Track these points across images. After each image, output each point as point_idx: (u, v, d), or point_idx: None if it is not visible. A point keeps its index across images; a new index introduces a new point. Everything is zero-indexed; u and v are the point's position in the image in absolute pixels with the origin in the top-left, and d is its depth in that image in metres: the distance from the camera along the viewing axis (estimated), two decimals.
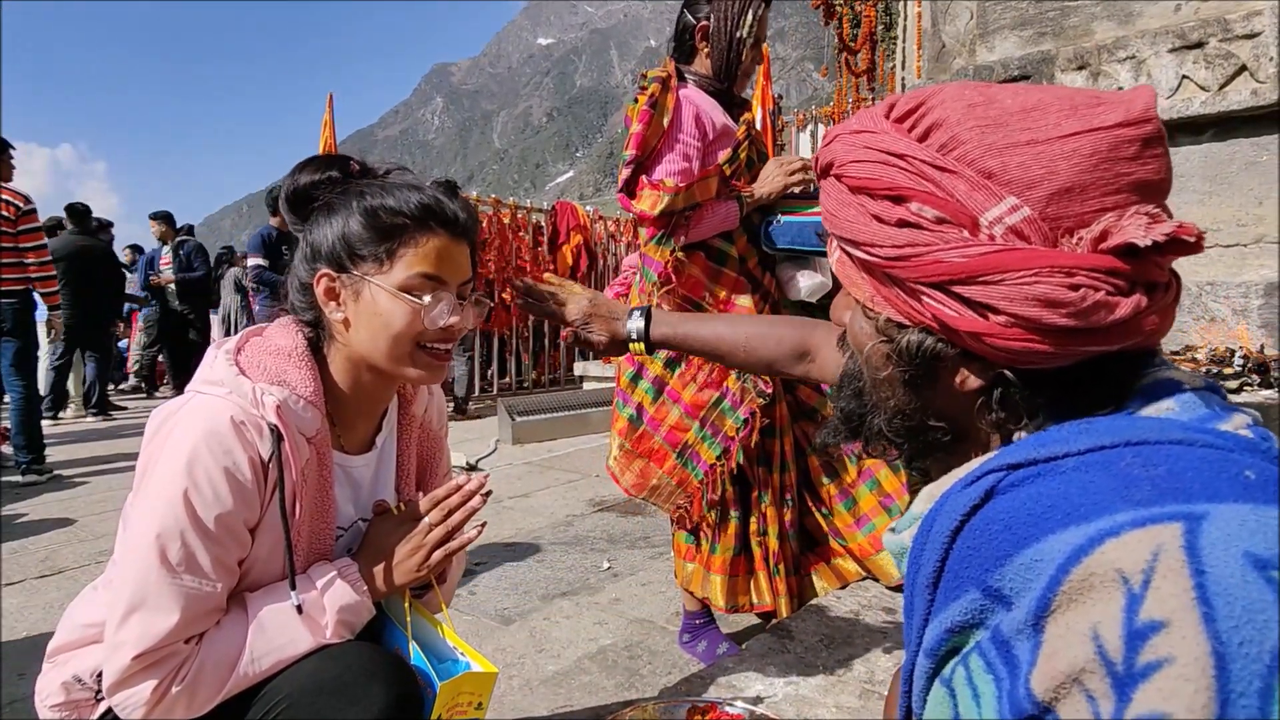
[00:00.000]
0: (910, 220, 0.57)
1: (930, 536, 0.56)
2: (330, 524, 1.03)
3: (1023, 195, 0.55)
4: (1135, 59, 2.89)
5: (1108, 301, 0.53)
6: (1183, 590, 0.42)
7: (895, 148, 0.59)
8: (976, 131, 0.56)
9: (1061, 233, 0.54)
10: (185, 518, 0.88)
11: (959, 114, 0.58)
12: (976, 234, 0.56)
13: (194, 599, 0.90)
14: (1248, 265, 2.83)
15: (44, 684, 1.01)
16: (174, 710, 0.90)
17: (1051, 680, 0.45)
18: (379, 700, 0.91)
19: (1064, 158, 0.54)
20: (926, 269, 0.56)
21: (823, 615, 1.85)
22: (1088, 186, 0.54)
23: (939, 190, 0.56)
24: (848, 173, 0.61)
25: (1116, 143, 0.54)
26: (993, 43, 3.25)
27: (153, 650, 0.88)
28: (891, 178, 0.58)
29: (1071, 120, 0.55)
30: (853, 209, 0.61)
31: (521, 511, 3.64)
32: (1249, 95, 2.71)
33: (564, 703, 1.84)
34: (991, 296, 0.54)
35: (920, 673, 0.57)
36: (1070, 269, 0.53)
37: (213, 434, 0.90)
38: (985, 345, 0.56)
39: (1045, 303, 0.53)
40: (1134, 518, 0.45)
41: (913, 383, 0.62)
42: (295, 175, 1.05)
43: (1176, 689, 0.41)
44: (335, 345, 1.04)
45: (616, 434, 2.03)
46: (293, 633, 0.95)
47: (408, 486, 1.17)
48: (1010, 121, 0.56)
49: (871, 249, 0.60)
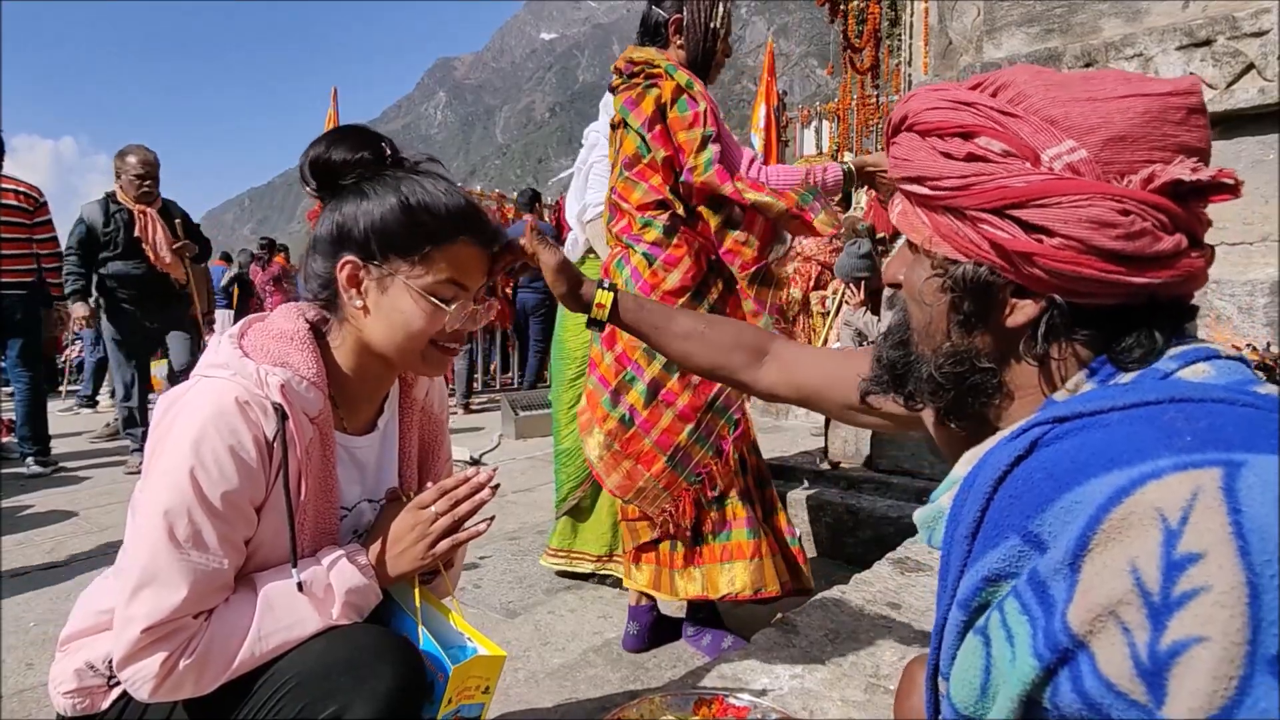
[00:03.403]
0: (978, 154, 0.63)
1: (973, 490, 0.58)
2: (334, 504, 1.04)
3: (1081, 139, 0.60)
4: (1143, 56, 2.88)
5: (1153, 232, 0.58)
6: (1219, 526, 0.43)
7: (967, 97, 0.65)
8: (1042, 88, 0.63)
9: (1113, 175, 0.60)
10: (192, 495, 0.89)
11: (1027, 76, 0.65)
12: (1038, 166, 0.61)
13: (201, 575, 0.91)
14: (1254, 263, 2.83)
15: (57, 671, 1.02)
16: (182, 685, 0.91)
17: (1088, 614, 0.47)
18: (387, 680, 0.92)
19: (1119, 112, 0.60)
20: (989, 194, 0.62)
21: (828, 609, 1.85)
22: (1138, 139, 0.60)
23: (1004, 129, 0.62)
24: (921, 119, 0.67)
25: (1165, 107, 0.60)
26: (999, 39, 3.24)
27: (161, 624, 0.89)
28: (961, 119, 0.64)
29: (1126, 86, 0.62)
30: (923, 150, 0.66)
31: (525, 506, 3.65)
32: (1256, 93, 2.71)
33: (569, 695, 1.85)
34: (1048, 218, 0.59)
35: (952, 627, 0.59)
36: (1122, 197, 0.58)
37: (219, 414, 0.92)
38: (1038, 268, 0.61)
39: (1097, 224, 0.58)
40: (1175, 462, 0.47)
41: (964, 319, 0.67)
42: (329, 147, 1.03)
43: (1212, 615, 0.42)
44: (345, 328, 1.05)
45: (603, 433, 1.99)
46: (301, 613, 0.96)
47: (410, 469, 1.18)
48: (1072, 82, 0.63)
49: (938, 181, 0.65)
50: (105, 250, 4.29)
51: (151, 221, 4.34)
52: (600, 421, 2.01)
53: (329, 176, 1.04)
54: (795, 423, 5.42)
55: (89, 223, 4.30)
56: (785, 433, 5.15)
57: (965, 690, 0.57)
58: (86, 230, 4.30)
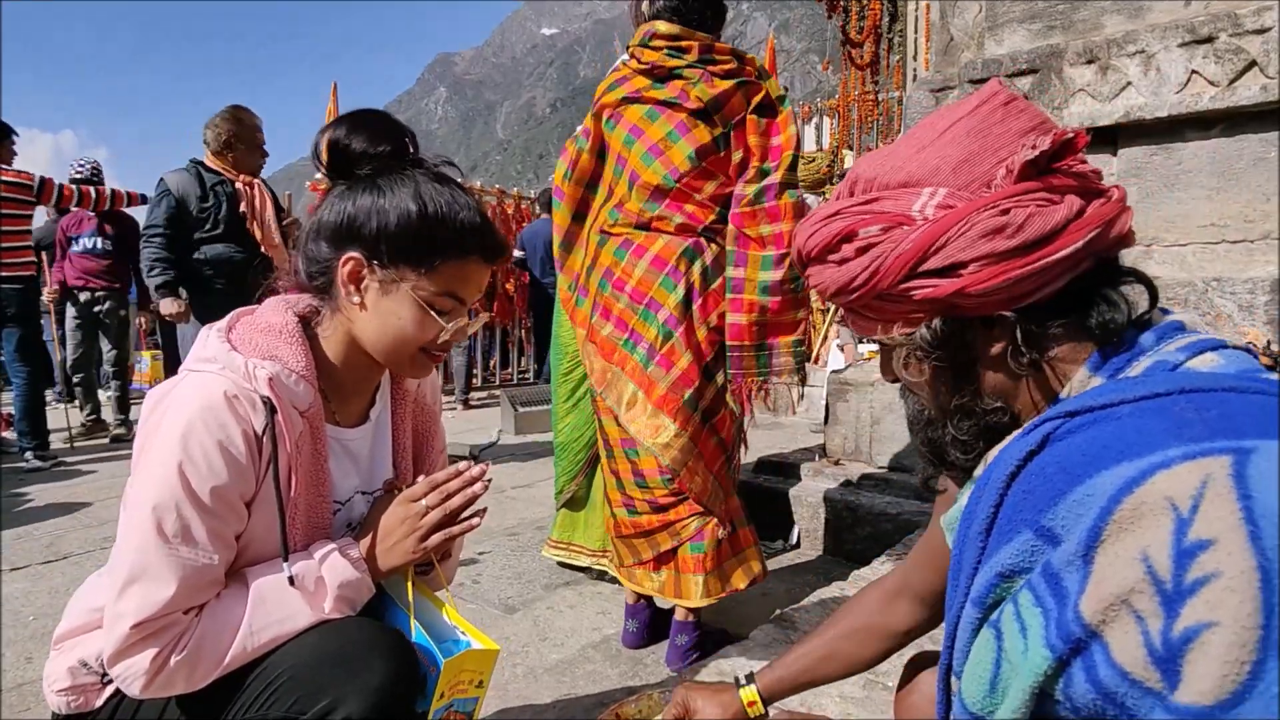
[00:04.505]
0: (865, 245, 0.69)
1: (987, 486, 0.59)
2: (326, 497, 1.04)
3: (933, 181, 0.66)
4: (1145, 53, 2.87)
5: (1040, 211, 0.62)
6: (1230, 512, 0.44)
7: (832, 209, 0.72)
8: (879, 163, 0.71)
9: (979, 189, 0.65)
10: (180, 490, 0.89)
11: (867, 165, 0.72)
12: (914, 224, 0.66)
13: (191, 570, 0.90)
14: (1255, 261, 2.83)
15: (51, 669, 1.02)
16: (174, 681, 0.91)
17: (1100, 603, 0.48)
18: (379, 673, 0.92)
19: (950, 144, 0.67)
20: (894, 267, 0.66)
21: (827, 606, 1.86)
22: (979, 152, 0.66)
23: (872, 213, 0.69)
24: (809, 247, 0.74)
25: (982, 116, 0.67)
26: (1001, 36, 3.23)
27: (151, 620, 0.88)
28: (835, 228, 0.71)
29: (943, 120, 0.69)
30: (828, 270, 0.73)
31: (524, 501, 3.65)
32: (1258, 91, 2.70)
33: (568, 691, 1.85)
34: (950, 255, 0.64)
35: (965, 624, 0.60)
36: (993, 203, 0.63)
37: (207, 408, 0.91)
38: (973, 298, 0.64)
39: (990, 233, 0.62)
40: (1185, 452, 0.48)
41: (953, 375, 0.70)
42: (349, 133, 1.00)
43: (1224, 600, 0.43)
44: (337, 320, 1.04)
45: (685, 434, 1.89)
46: (293, 607, 0.96)
47: (404, 460, 1.18)
48: (900, 148, 0.70)
49: (851, 284, 0.70)
50: (199, 229, 3.47)
51: (261, 195, 3.57)
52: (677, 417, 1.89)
53: (345, 163, 1.01)
54: (795, 419, 5.42)
55: (179, 195, 3.44)
56: (785, 429, 5.15)
57: (976, 685, 0.58)
58: (176, 204, 3.43)
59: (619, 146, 2.00)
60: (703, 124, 1.91)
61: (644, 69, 1.96)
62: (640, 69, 1.97)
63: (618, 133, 2.00)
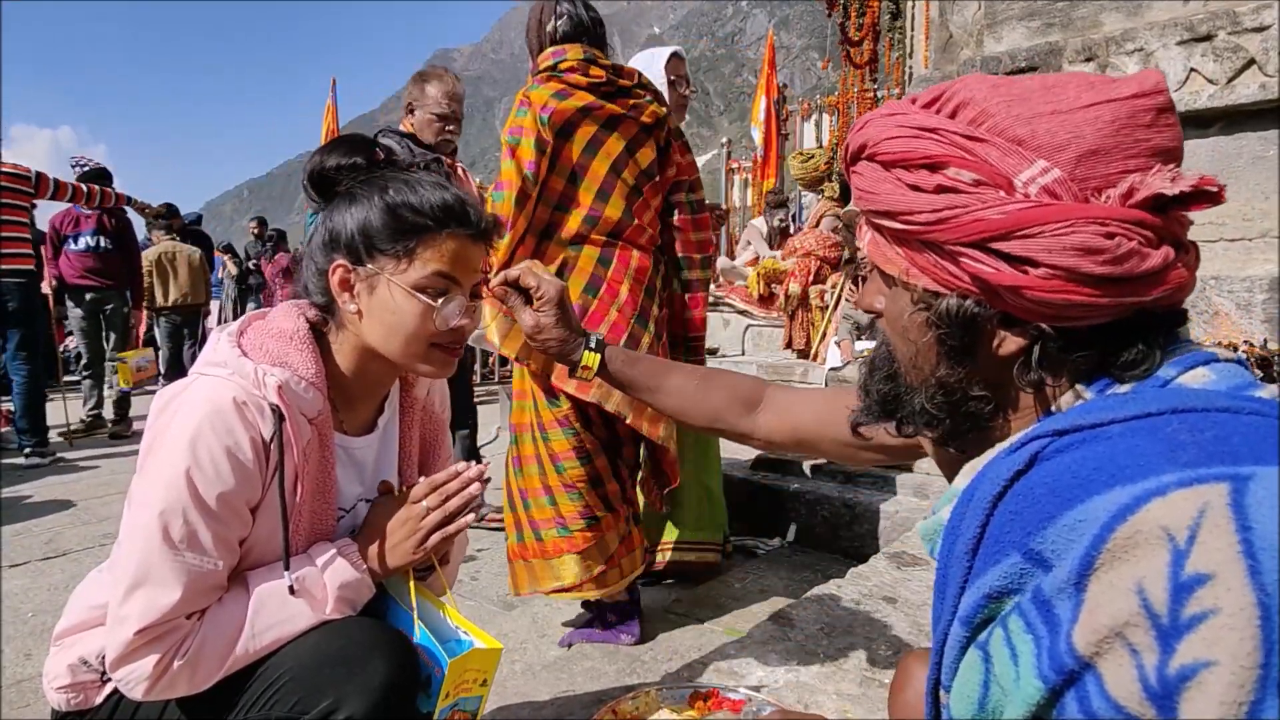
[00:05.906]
0: (948, 185, 0.60)
1: (971, 504, 0.57)
2: (331, 505, 1.04)
3: (1052, 158, 0.58)
4: (1143, 51, 2.87)
5: (1140, 250, 0.56)
6: (1228, 545, 0.42)
7: (928, 123, 0.62)
8: (1003, 105, 0.60)
9: (1090, 192, 0.58)
10: (187, 495, 0.89)
11: (984, 92, 0.61)
12: (1012, 194, 0.58)
13: (196, 576, 0.90)
14: (1253, 260, 2.83)
15: (51, 666, 1.03)
16: (176, 685, 0.91)
17: (1094, 634, 0.46)
18: (380, 673, 0.92)
19: (1088, 124, 0.58)
20: (966, 228, 0.59)
21: (823, 604, 1.86)
22: (1111, 150, 0.57)
23: (973, 156, 0.59)
24: (882, 150, 0.64)
25: (1134, 111, 0.58)
26: (1000, 33, 3.23)
27: (155, 625, 0.89)
28: (926, 148, 0.61)
29: (1090, 93, 0.59)
30: (888, 183, 0.63)
31: None
32: (1257, 89, 2.70)
33: (566, 688, 1.85)
34: (1031, 249, 0.57)
35: (953, 643, 0.58)
36: (1104, 219, 0.56)
37: (216, 414, 0.91)
38: (1025, 300, 0.58)
39: (1083, 250, 0.55)
40: (1180, 478, 0.45)
41: (952, 352, 0.64)
42: (323, 156, 1.04)
43: (1222, 638, 0.41)
44: (345, 333, 1.05)
45: None
46: (294, 608, 0.96)
47: (410, 468, 1.18)
48: (1033, 96, 0.60)
49: (910, 217, 0.62)
50: None
51: (464, 179, 3.17)
52: None
53: (326, 185, 1.04)
54: None
55: None
56: None
57: (964, 705, 0.56)
58: None
59: (577, 156, 1.98)
60: (651, 139, 2.07)
61: (595, 83, 1.98)
62: (592, 82, 1.98)
63: (576, 142, 1.98)
